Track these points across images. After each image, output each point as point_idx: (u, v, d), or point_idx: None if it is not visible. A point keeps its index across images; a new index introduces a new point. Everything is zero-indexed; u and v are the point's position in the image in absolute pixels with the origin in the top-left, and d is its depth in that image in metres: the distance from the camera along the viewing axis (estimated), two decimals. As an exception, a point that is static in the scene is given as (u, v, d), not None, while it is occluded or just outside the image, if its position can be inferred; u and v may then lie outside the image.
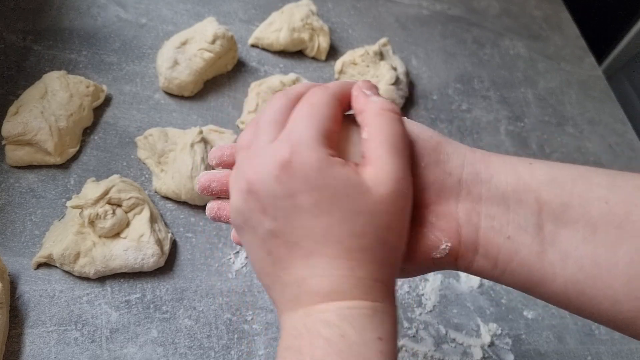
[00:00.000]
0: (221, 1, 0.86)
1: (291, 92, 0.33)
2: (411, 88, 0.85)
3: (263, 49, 0.81)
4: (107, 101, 0.68)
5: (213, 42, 0.70)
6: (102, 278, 0.55)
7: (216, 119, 0.71)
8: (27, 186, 0.59)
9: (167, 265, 0.57)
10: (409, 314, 0.61)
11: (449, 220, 0.33)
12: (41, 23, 0.72)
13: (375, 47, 0.81)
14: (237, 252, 0.61)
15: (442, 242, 0.33)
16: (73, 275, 0.54)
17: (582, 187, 0.31)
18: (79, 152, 0.63)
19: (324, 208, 0.29)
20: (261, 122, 0.32)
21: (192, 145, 0.62)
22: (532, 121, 0.89)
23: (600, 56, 1.20)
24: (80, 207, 0.54)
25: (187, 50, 0.70)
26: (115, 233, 0.55)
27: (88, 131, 0.65)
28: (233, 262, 0.60)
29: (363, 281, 0.29)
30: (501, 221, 0.32)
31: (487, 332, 0.62)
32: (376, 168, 0.30)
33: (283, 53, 0.82)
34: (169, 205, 0.62)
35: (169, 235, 0.58)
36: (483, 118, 0.86)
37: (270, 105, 0.33)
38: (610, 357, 0.64)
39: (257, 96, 0.71)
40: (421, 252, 0.33)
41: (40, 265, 0.54)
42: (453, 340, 0.61)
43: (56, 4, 0.75)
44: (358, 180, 0.29)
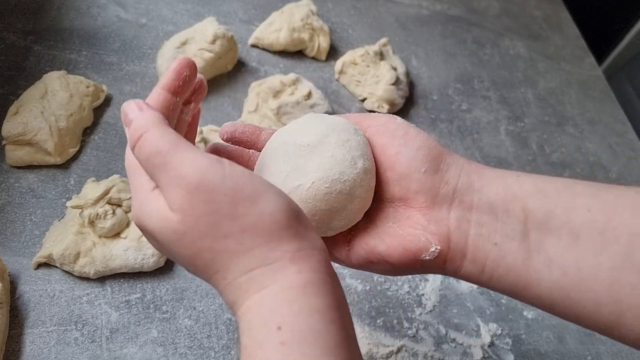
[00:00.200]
0: (221, 1, 0.86)
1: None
2: (411, 88, 0.85)
3: (263, 49, 0.81)
4: (107, 101, 0.68)
5: (213, 42, 0.70)
6: (102, 278, 0.55)
7: (216, 119, 0.71)
8: (27, 186, 0.59)
9: (167, 265, 0.57)
10: (409, 314, 0.61)
11: (441, 225, 0.35)
12: (41, 23, 0.72)
13: (375, 47, 0.81)
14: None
15: (432, 245, 0.35)
16: (73, 275, 0.54)
17: (566, 197, 0.33)
18: (79, 152, 0.63)
19: (157, 246, 0.32)
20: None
21: (192, 145, 0.62)
22: (532, 121, 0.89)
23: (600, 56, 1.19)
24: (80, 207, 0.54)
25: (187, 50, 0.70)
26: (115, 233, 0.55)
27: (88, 131, 0.65)
28: (233, 262, 0.60)
29: (232, 283, 0.29)
30: (489, 229, 0.34)
31: (487, 332, 0.62)
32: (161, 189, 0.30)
33: (283, 53, 0.82)
34: (169, 205, 0.62)
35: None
36: (483, 118, 0.86)
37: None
38: (610, 357, 0.64)
39: (257, 96, 0.71)
40: (411, 253, 0.35)
41: (40, 265, 0.54)
42: (453, 340, 0.61)
43: (56, 4, 0.75)
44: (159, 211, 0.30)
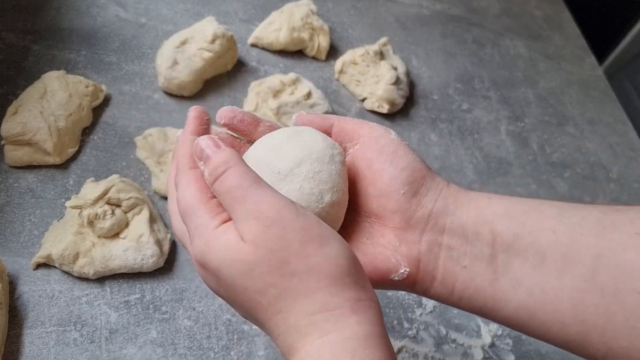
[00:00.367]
0: (221, 1, 0.85)
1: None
2: (411, 88, 0.85)
3: (263, 49, 0.81)
4: (107, 101, 0.68)
5: (213, 42, 0.70)
6: (102, 278, 0.54)
7: (216, 119, 0.70)
8: (26, 186, 0.58)
9: (167, 265, 0.57)
10: (409, 315, 0.61)
11: (412, 248, 0.35)
12: (41, 23, 0.72)
13: (375, 47, 0.81)
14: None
15: (402, 267, 0.35)
16: (72, 275, 0.54)
17: (533, 218, 0.34)
18: (78, 152, 0.62)
19: (216, 286, 0.32)
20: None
21: (192, 145, 0.61)
22: (533, 121, 0.89)
23: (600, 56, 1.19)
24: (79, 207, 0.54)
25: (187, 49, 0.70)
26: (114, 233, 0.55)
27: (87, 131, 0.65)
28: (233, 263, 0.59)
29: (294, 325, 0.28)
30: (459, 252, 0.35)
31: (488, 333, 0.62)
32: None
33: (283, 53, 0.82)
34: (169, 205, 0.62)
35: (169, 235, 0.58)
36: (483, 118, 0.86)
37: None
38: (611, 358, 0.64)
39: (257, 96, 0.71)
40: (381, 272, 0.35)
41: (39, 265, 0.54)
42: (453, 340, 0.61)
43: (56, 4, 0.75)
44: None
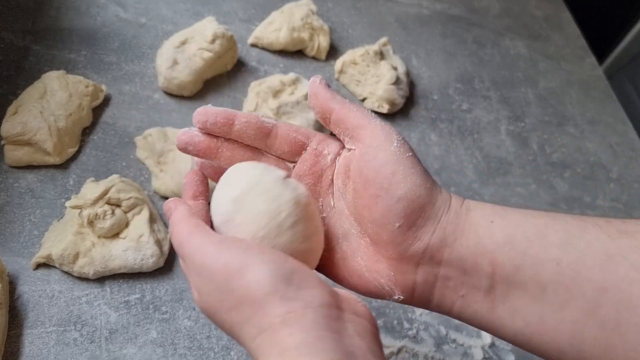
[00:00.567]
0: (221, 1, 0.85)
1: None
2: (412, 88, 0.85)
3: (263, 49, 0.81)
4: (107, 101, 0.68)
5: (212, 42, 0.70)
6: (102, 278, 0.54)
7: (216, 119, 0.70)
8: (26, 186, 0.58)
9: (167, 265, 0.57)
10: (410, 315, 0.61)
11: (406, 278, 0.34)
12: (40, 23, 0.72)
13: (375, 47, 0.80)
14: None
15: (395, 294, 0.35)
16: (72, 275, 0.54)
17: (536, 247, 0.32)
18: (78, 152, 0.62)
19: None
20: None
21: (192, 145, 0.61)
22: (533, 121, 0.89)
23: (601, 56, 1.19)
24: (79, 207, 0.54)
25: (187, 49, 0.70)
26: (114, 233, 0.55)
27: (87, 131, 0.65)
28: (233, 263, 0.59)
29: (250, 351, 0.29)
30: (456, 282, 0.34)
31: (488, 333, 0.62)
32: None
33: (283, 52, 0.81)
34: (169, 205, 0.62)
35: (168, 235, 0.58)
36: (483, 118, 0.86)
37: None
38: (611, 358, 0.64)
39: (257, 96, 0.71)
40: (375, 295, 0.36)
41: (39, 265, 0.54)
42: (453, 340, 0.61)
43: (55, 4, 0.75)
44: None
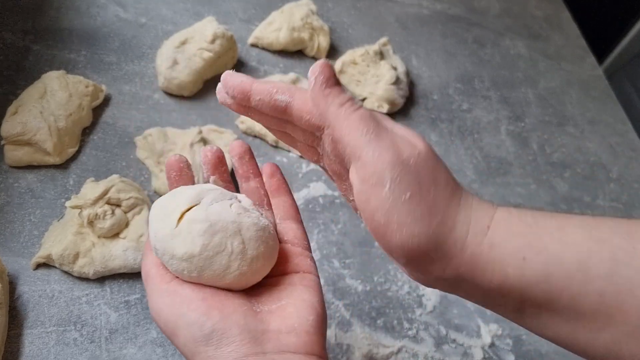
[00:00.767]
0: (221, 1, 0.85)
1: None
2: (411, 88, 0.85)
3: (263, 49, 0.81)
4: (107, 101, 0.68)
5: (212, 42, 0.70)
6: (102, 278, 0.54)
7: (216, 119, 0.70)
8: (26, 186, 0.58)
9: (167, 265, 0.57)
10: (409, 315, 0.61)
11: (420, 279, 0.33)
12: (40, 23, 0.72)
13: (375, 47, 0.80)
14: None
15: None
16: (72, 275, 0.54)
17: (578, 282, 0.28)
18: (78, 152, 0.62)
19: None
20: None
21: (192, 145, 0.61)
22: (533, 121, 0.89)
23: (600, 56, 1.19)
24: (79, 207, 0.54)
25: (187, 49, 0.70)
26: (114, 233, 0.55)
27: (87, 131, 0.64)
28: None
29: None
30: (478, 299, 0.33)
31: (488, 333, 0.62)
32: None
33: (283, 52, 0.81)
34: (169, 205, 0.62)
35: None
36: (483, 118, 0.86)
37: None
38: (611, 358, 0.64)
39: (257, 96, 0.71)
40: None
41: (39, 265, 0.54)
42: (453, 340, 0.61)
43: (55, 4, 0.75)
44: None
